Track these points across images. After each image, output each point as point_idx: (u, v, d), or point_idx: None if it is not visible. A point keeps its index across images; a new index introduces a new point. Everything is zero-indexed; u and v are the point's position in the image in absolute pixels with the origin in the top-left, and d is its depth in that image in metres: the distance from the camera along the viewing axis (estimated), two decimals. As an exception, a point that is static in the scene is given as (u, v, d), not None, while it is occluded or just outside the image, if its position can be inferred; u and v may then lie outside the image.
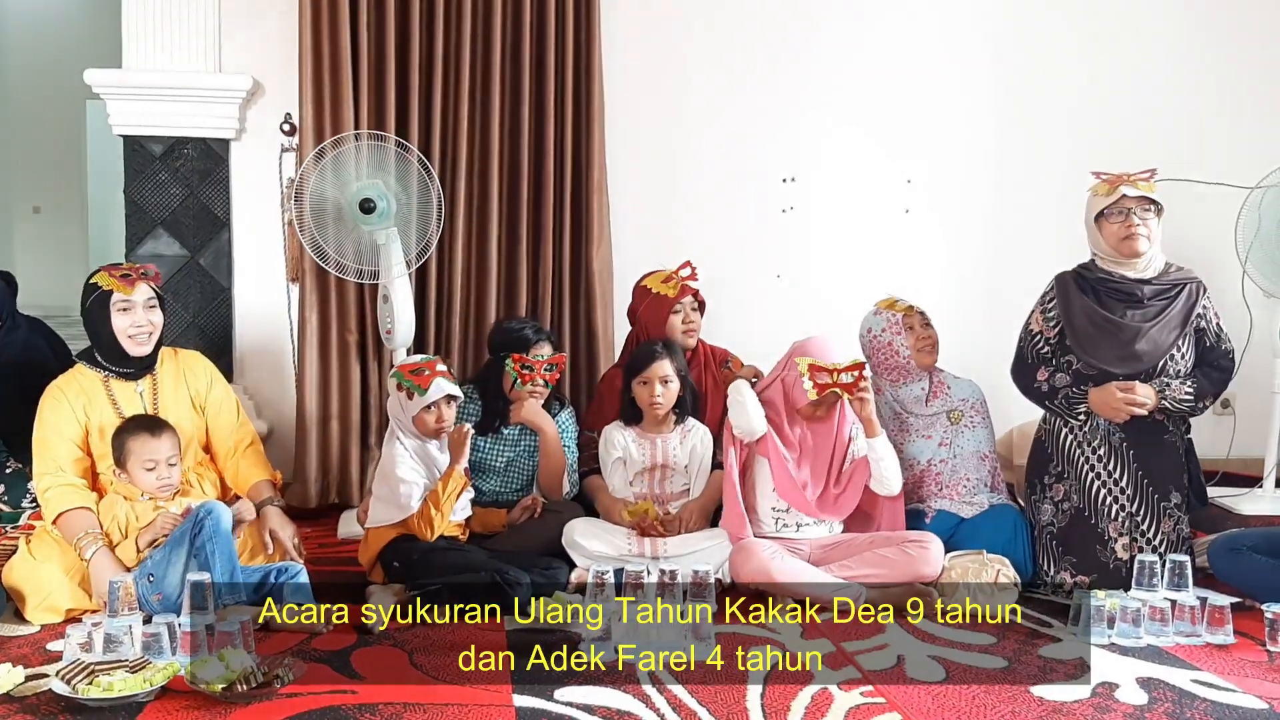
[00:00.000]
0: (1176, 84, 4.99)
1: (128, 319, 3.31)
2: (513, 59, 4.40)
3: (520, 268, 4.46)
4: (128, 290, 3.30)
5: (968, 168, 4.95)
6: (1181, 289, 3.48)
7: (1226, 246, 4.52)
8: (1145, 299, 3.46)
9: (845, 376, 3.44)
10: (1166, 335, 3.44)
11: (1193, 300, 3.48)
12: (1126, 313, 3.46)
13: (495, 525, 3.60)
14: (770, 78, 4.79)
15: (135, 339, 3.32)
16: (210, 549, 3.00)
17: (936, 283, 4.72)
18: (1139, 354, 3.43)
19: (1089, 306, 3.49)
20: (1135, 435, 3.45)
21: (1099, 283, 3.52)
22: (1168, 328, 3.45)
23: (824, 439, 3.57)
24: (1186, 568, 3.23)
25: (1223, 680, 2.83)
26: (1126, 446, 3.46)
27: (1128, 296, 3.47)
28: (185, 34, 4.33)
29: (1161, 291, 3.47)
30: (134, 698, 2.51)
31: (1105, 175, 3.51)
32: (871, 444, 3.51)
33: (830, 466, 3.57)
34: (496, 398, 3.75)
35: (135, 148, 4.38)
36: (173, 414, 3.39)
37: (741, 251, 4.82)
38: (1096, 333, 3.48)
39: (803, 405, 3.52)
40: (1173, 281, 3.49)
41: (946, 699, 2.67)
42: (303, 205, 3.90)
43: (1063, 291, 3.57)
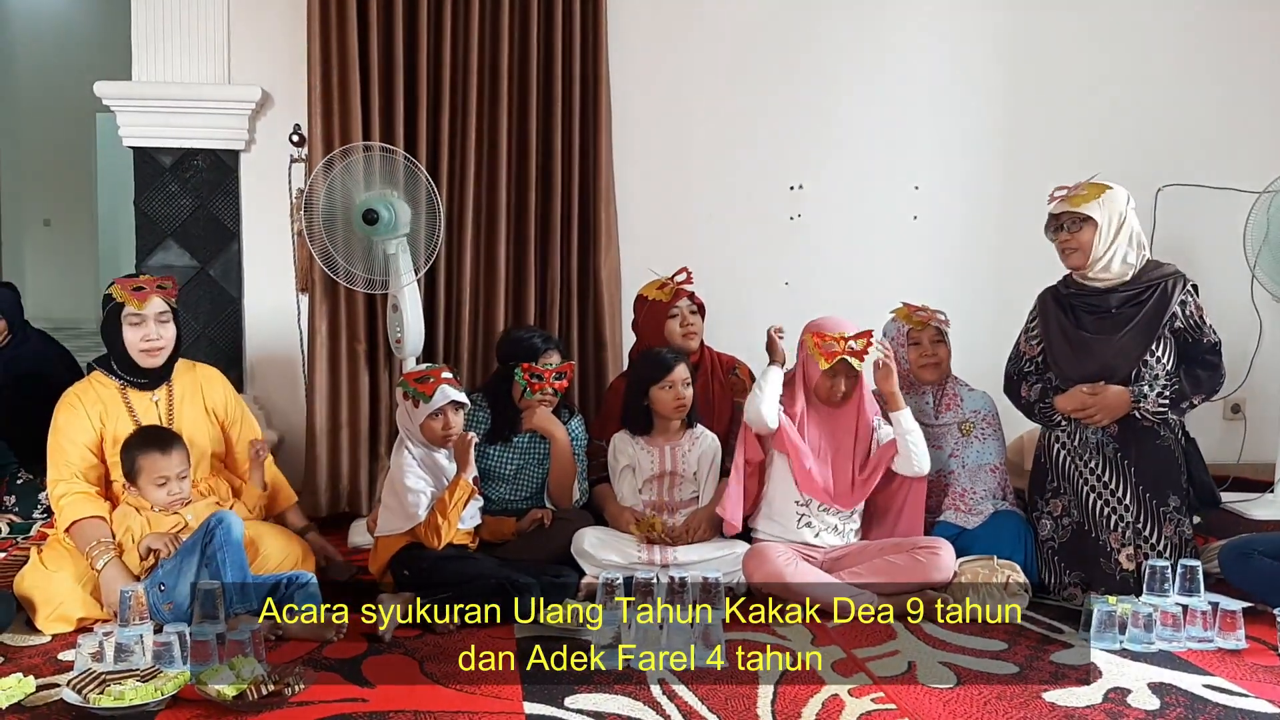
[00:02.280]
0: (1184, 88, 4.98)
1: (138, 332, 3.32)
2: (520, 67, 4.41)
3: (528, 277, 4.47)
4: (138, 304, 3.31)
5: (976, 174, 4.94)
6: (1155, 289, 3.46)
7: (1235, 251, 4.51)
8: (1114, 308, 3.47)
9: (855, 344, 3.44)
10: (1136, 341, 3.43)
11: (1166, 298, 3.44)
12: (1097, 325, 3.48)
13: (505, 534, 3.60)
14: (777, 85, 4.80)
15: (148, 352, 3.33)
16: (221, 558, 3.01)
17: (945, 290, 4.70)
18: (1109, 367, 3.45)
19: (1064, 324, 3.54)
20: (1127, 443, 3.45)
21: (1073, 296, 3.56)
22: (1136, 332, 3.44)
23: (846, 427, 3.57)
24: (1198, 572, 3.22)
25: (1235, 685, 2.82)
26: (1120, 456, 3.46)
27: (1095, 308, 3.50)
28: (195, 45, 4.35)
29: (1130, 298, 3.47)
30: (145, 707, 2.52)
31: (1056, 190, 3.55)
32: (896, 418, 3.52)
33: (854, 455, 3.56)
34: (506, 406, 3.75)
35: (145, 159, 4.40)
36: (187, 425, 3.40)
37: (749, 259, 4.82)
38: (1070, 350, 3.52)
39: (819, 381, 3.51)
40: (1146, 284, 3.47)
41: (958, 704, 2.67)
42: (314, 215, 3.91)
43: (1042, 310, 3.64)
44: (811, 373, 3.54)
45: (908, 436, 3.51)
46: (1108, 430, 3.47)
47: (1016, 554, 3.48)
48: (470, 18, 4.32)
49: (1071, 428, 3.53)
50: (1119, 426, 3.46)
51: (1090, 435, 3.49)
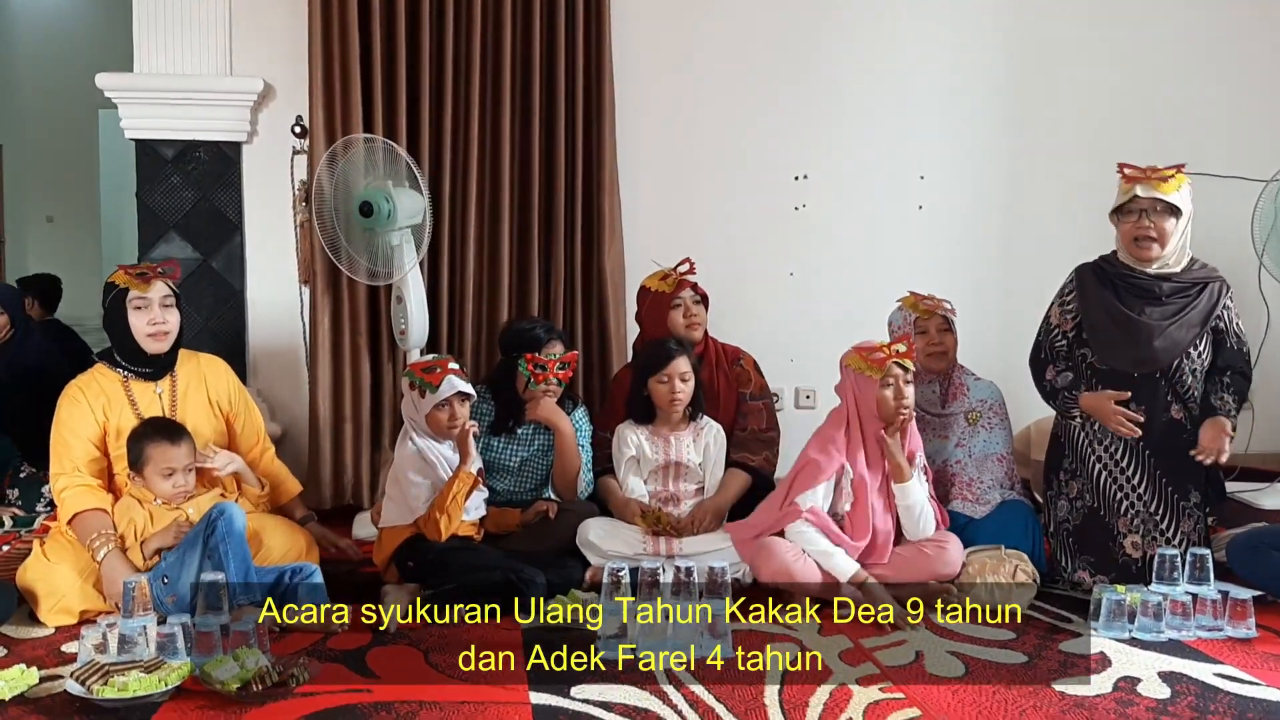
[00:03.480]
0: (1191, 75, 4.95)
1: (144, 316, 3.30)
2: (523, 58, 4.39)
3: (532, 269, 4.45)
4: (143, 288, 3.30)
5: (981, 163, 4.92)
6: (1203, 288, 3.40)
7: (1243, 240, 4.48)
8: (1164, 296, 3.38)
9: (899, 347, 3.37)
10: (1185, 334, 3.37)
11: (1215, 300, 3.39)
12: (1145, 309, 3.39)
13: (509, 525, 3.59)
14: (781, 75, 4.78)
15: (154, 337, 3.32)
16: (223, 550, 2.99)
17: (950, 279, 4.68)
18: (1155, 353, 3.37)
19: (1109, 301, 3.42)
20: (1151, 435, 3.38)
21: (1119, 277, 3.44)
22: (1186, 326, 3.37)
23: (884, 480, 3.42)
24: (1208, 561, 3.20)
25: (1246, 674, 2.80)
26: (1143, 446, 3.40)
27: (1145, 293, 3.40)
28: (196, 37, 4.34)
29: (1181, 289, 3.39)
30: (149, 698, 2.50)
31: (1129, 169, 3.41)
32: (901, 490, 3.37)
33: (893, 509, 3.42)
34: (510, 398, 3.73)
35: (147, 151, 4.39)
36: (191, 416, 3.39)
37: (754, 250, 4.80)
38: (1114, 329, 3.41)
39: (879, 400, 3.33)
40: (1193, 280, 3.41)
41: (966, 695, 2.65)
42: (321, 206, 3.90)
43: (1082, 285, 3.51)
44: (865, 393, 3.38)
45: (911, 510, 3.38)
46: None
47: (1024, 543, 3.45)
48: (473, 8, 4.30)
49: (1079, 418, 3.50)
50: (1145, 416, 3.37)
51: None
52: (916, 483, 3.39)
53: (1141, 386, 3.39)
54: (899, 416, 3.35)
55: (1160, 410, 3.39)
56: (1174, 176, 3.33)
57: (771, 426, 3.92)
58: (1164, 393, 3.39)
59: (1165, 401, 3.39)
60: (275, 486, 3.58)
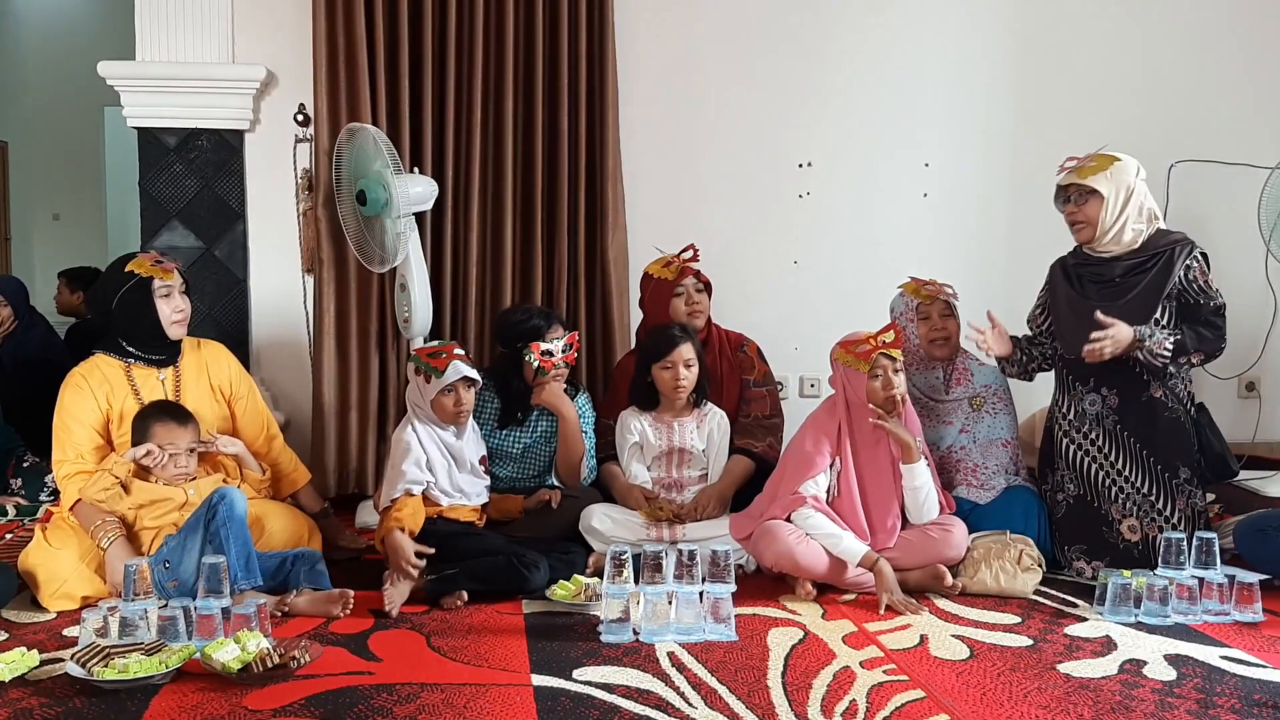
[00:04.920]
0: (1198, 63, 4.93)
1: (170, 304, 3.34)
2: (526, 45, 4.38)
3: (535, 256, 4.44)
4: (169, 276, 3.33)
5: (986, 151, 4.90)
6: (1160, 257, 3.39)
7: (1249, 227, 4.46)
8: (1118, 276, 3.42)
9: (884, 337, 3.36)
10: (1139, 309, 3.36)
11: (1170, 265, 3.37)
12: (1100, 292, 3.43)
13: (512, 511, 3.58)
14: (785, 61, 4.76)
15: (179, 323, 3.36)
16: (225, 534, 2.98)
17: (956, 267, 4.66)
18: None
19: (1068, 292, 3.51)
20: (1127, 415, 3.41)
21: (1079, 267, 3.52)
22: (1140, 301, 3.37)
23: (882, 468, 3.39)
24: (1214, 545, 3.17)
25: (1252, 656, 2.78)
26: (1121, 428, 3.42)
27: (1099, 277, 3.46)
28: (199, 25, 4.33)
29: (1135, 266, 3.41)
30: (150, 679, 2.50)
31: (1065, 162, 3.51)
32: (909, 471, 3.34)
33: (897, 491, 3.39)
34: (515, 389, 3.70)
35: (150, 140, 4.38)
36: (193, 402, 3.38)
37: (758, 238, 4.79)
38: (1073, 318, 3.46)
39: (868, 390, 3.32)
40: (1152, 252, 3.41)
41: (971, 676, 2.63)
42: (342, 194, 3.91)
43: (1051, 279, 3.62)
44: (855, 385, 3.37)
45: (917, 492, 3.36)
46: (1107, 402, 3.43)
47: (1029, 529, 3.45)
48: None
49: (1066, 401, 3.51)
50: (1119, 399, 3.42)
51: (1089, 407, 3.46)
52: (923, 464, 3.38)
53: (1113, 370, 3.39)
54: (891, 404, 3.34)
55: (1138, 390, 3.40)
56: (1094, 163, 3.41)
57: (775, 413, 3.91)
58: (1138, 372, 3.39)
59: (1142, 381, 3.40)
60: (286, 475, 3.57)
